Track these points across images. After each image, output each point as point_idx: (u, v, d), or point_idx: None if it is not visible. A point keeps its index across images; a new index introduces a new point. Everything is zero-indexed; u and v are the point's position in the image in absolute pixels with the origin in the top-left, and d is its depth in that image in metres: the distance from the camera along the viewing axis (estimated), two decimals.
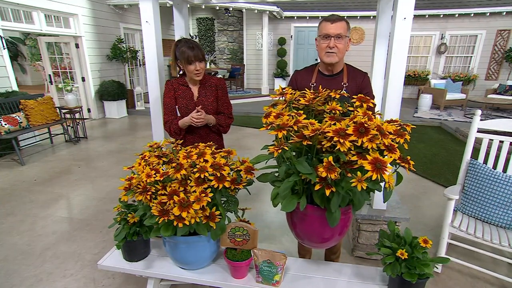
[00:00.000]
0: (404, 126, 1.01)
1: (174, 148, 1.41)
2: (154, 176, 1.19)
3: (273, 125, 1.00)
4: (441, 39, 9.31)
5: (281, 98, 1.17)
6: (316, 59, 10.29)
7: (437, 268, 2.09)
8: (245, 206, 1.49)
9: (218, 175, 1.17)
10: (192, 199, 1.13)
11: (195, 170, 1.17)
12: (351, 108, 1.06)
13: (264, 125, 1.04)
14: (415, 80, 9.63)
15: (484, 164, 2.05)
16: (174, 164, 1.20)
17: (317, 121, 1.00)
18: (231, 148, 1.39)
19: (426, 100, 7.78)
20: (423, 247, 1.24)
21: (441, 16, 8.91)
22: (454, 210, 2.04)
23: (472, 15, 8.73)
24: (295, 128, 0.96)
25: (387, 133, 0.93)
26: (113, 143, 5.28)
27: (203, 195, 1.14)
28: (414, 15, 1.78)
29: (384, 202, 1.08)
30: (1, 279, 2.04)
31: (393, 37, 1.82)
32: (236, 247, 1.35)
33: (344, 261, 2.12)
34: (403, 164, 0.94)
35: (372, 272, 1.44)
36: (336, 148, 0.90)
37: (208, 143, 1.40)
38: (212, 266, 1.46)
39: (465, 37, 9.22)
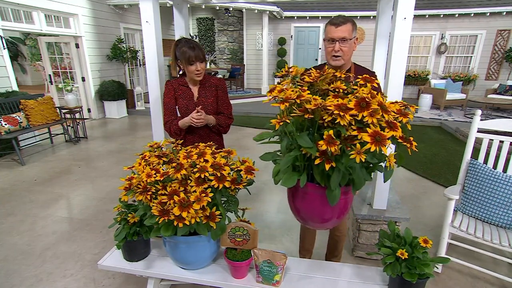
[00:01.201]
0: (409, 106, 1.01)
1: (174, 148, 1.41)
2: (154, 176, 1.19)
3: (278, 97, 1.00)
4: (441, 39, 9.31)
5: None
6: (316, 59, 10.32)
7: (437, 268, 2.09)
8: (245, 206, 1.49)
9: (218, 175, 1.17)
10: (192, 199, 1.13)
11: (195, 170, 1.17)
12: (355, 87, 1.07)
13: (268, 97, 1.05)
14: (415, 80, 9.63)
15: (484, 164, 2.05)
16: (174, 164, 1.20)
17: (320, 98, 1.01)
18: (231, 148, 1.39)
19: (426, 100, 7.78)
20: (423, 247, 1.24)
21: (441, 16, 8.91)
22: (454, 210, 2.04)
23: (472, 15, 8.73)
24: (298, 101, 0.96)
25: (390, 110, 0.93)
26: (113, 143, 5.28)
27: (203, 195, 1.14)
28: (414, 15, 1.78)
29: (384, 182, 1.08)
30: (1, 279, 2.03)
31: (393, 37, 1.82)
32: (236, 247, 1.35)
33: (344, 261, 2.13)
34: (405, 143, 0.93)
35: (372, 272, 1.44)
36: (337, 122, 0.90)
37: (208, 143, 1.40)
38: (212, 266, 1.46)
39: (465, 37, 9.22)
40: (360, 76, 1.10)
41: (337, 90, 1.04)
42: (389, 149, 0.94)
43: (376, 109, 0.89)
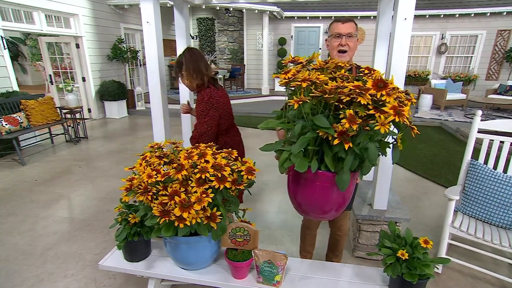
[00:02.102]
0: (409, 92, 1.05)
1: (175, 148, 1.41)
2: (155, 176, 1.19)
3: (296, 78, 1.03)
4: (442, 39, 9.30)
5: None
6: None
7: (437, 268, 2.09)
8: (245, 206, 1.49)
9: (219, 175, 1.17)
10: (193, 200, 1.13)
11: (196, 170, 1.17)
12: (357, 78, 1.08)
13: (282, 80, 1.06)
14: (416, 80, 9.62)
15: (485, 165, 2.05)
16: (175, 165, 1.20)
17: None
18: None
19: (426, 100, 7.78)
20: (424, 247, 1.24)
21: (442, 16, 8.91)
22: (454, 210, 2.04)
23: (473, 15, 8.73)
24: (317, 82, 1.00)
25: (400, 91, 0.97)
26: (114, 143, 5.28)
27: (204, 195, 1.15)
28: (415, 15, 1.79)
29: (393, 164, 1.10)
30: (2, 279, 2.04)
31: (393, 37, 1.82)
32: (237, 247, 1.35)
33: (345, 262, 2.13)
34: (410, 126, 0.97)
35: (373, 273, 1.45)
36: (356, 101, 0.93)
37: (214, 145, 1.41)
38: (213, 267, 1.46)
39: (465, 37, 9.22)
40: (363, 66, 1.13)
41: (342, 77, 1.06)
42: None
43: (394, 88, 0.93)
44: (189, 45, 2.24)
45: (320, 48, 10.19)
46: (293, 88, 1.08)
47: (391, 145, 1.06)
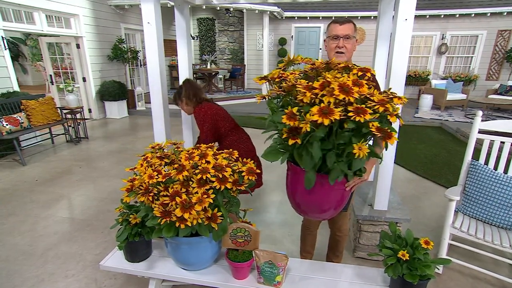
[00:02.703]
0: (395, 97, 1.02)
1: (176, 149, 1.42)
2: (156, 177, 1.20)
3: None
4: (442, 39, 9.30)
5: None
6: (317, 59, 10.33)
7: (438, 269, 2.09)
8: (245, 207, 1.49)
9: (220, 176, 1.18)
10: (194, 200, 1.13)
11: (197, 171, 1.17)
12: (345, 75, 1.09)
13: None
14: (416, 80, 9.63)
15: (485, 165, 2.05)
16: (176, 166, 1.21)
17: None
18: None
19: (426, 100, 7.77)
20: (424, 248, 1.24)
21: (442, 16, 8.91)
22: (455, 211, 2.04)
23: (473, 15, 8.72)
24: (277, 80, 1.12)
25: (352, 92, 0.96)
26: (114, 144, 5.29)
27: (205, 196, 1.15)
28: (415, 15, 1.79)
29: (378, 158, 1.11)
30: (2, 280, 2.04)
31: (394, 38, 1.82)
32: (238, 248, 1.35)
33: (345, 262, 2.13)
34: (378, 134, 0.94)
35: (373, 273, 1.45)
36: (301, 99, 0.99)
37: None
38: (213, 267, 1.46)
39: (465, 37, 9.22)
40: (356, 65, 1.14)
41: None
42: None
43: (332, 89, 0.94)
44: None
45: (320, 48, 10.19)
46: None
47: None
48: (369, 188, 2.45)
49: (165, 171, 1.25)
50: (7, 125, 4.14)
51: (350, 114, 0.92)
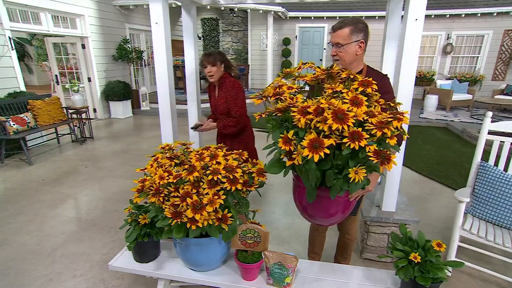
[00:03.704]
0: (398, 116, 0.96)
1: (185, 149, 1.41)
2: (167, 178, 1.19)
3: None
4: (447, 39, 9.23)
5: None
6: (321, 60, 10.29)
7: (448, 271, 2.07)
8: (251, 207, 1.48)
9: (231, 177, 1.17)
10: (205, 202, 1.13)
11: (208, 172, 1.17)
12: (345, 90, 1.06)
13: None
14: (421, 80, 9.56)
15: (495, 167, 2.03)
16: (186, 166, 1.20)
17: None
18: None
19: (432, 101, 7.72)
20: (437, 250, 1.23)
21: (447, 16, 8.85)
22: (464, 213, 2.02)
23: (479, 15, 8.65)
24: (272, 98, 1.10)
25: (347, 120, 0.93)
26: (119, 143, 5.31)
27: (216, 197, 1.14)
28: None
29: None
30: (12, 279, 2.05)
31: (404, 38, 1.81)
32: (247, 249, 1.34)
33: (353, 263, 2.12)
34: (374, 159, 0.91)
35: (383, 275, 1.43)
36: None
37: (219, 145, 1.41)
38: (222, 268, 1.46)
39: (471, 37, 9.14)
40: (359, 76, 1.10)
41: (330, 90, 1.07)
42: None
43: (325, 118, 0.92)
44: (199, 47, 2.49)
45: (324, 49, 10.16)
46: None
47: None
48: (377, 189, 2.44)
49: (176, 171, 1.25)
50: (14, 125, 4.17)
51: (345, 140, 0.90)
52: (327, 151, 0.88)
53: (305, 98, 1.10)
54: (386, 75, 1.56)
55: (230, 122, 2.20)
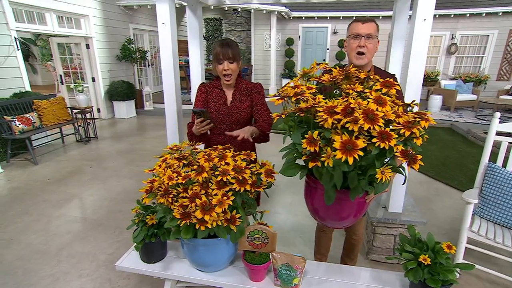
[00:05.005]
0: (422, 116, 0.93)
1: (193, 150, 1.41)
2: (176, 179, 1.19)
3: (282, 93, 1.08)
4: (452, 39, 9.18)
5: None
6: (324, 60, 10.26)
7: (459, 274, 2.05)
8: (258, 208, 1.48)
9: (240, 178, 1.17)
10: (215, 202, 1.13)
11: (217, 173, 1.17)
12: (367, 90, 1.05)
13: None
14: (425, 80, 9.51)
15: (503, 168, 2.01)
16: (195, 167, 1.20)
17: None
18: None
19: (436, 101, 7.68)
20: (446, 252, 1.22)
21: (452, 16, 8.80)
22: (471, 214, 2.00)
23: (484, 14, 8.59)
24: (293, 99, 1.04)
25: (377, 120, 0.90)
26: (123, 143, 5.32)
27: (225, 198, 1.14)
28: None
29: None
30: (19, 278, 2.06)
31: (412, 38, 1.80)
32: (255, 250, 1.34)
33: (359, 264, 2.11)
34: (403, 159, 0.89)
35: (391, 277, 1.42)
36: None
37: (226, 145, 1.40)
38: (229, 269, 1.46)
39: (476, 37, 9.08)
40: (380, 80, 1.08)
41: (350, 91, 1.04)
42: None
43: (356, 118, 0.88)
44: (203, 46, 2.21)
45: (328, 49, 10.14)
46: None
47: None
48: None
49: (184, 172, 1.25)
50: (19, 124, 4.19)
51: (374, 140, 0.87)
52: (361, 153, 0.85)
53: (325, 98, 1.08)
54: (394, 75, 1.55)
55: (268, 124, 1.79)
